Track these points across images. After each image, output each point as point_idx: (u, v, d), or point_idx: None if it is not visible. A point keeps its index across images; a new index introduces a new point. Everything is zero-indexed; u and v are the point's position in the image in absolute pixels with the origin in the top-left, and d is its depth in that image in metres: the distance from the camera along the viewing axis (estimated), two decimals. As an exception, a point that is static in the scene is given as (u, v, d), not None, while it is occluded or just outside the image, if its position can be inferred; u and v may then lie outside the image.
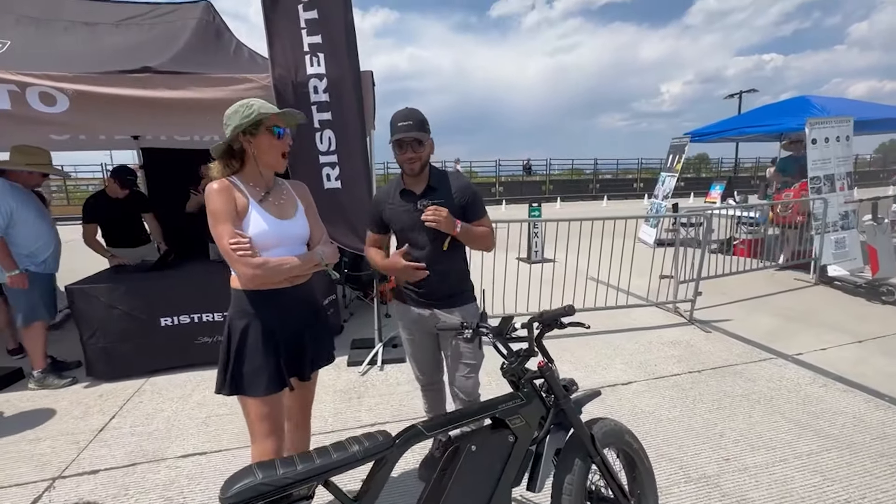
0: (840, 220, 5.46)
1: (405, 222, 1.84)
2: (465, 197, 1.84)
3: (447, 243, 1.79)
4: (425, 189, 1.83)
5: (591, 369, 3.34)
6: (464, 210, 1.82)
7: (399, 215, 1.85)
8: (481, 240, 1.87)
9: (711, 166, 29.37)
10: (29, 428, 2.67)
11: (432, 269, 1.82)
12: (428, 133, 1.78)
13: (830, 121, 5.40)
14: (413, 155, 1.74)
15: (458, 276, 1.92)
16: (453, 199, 1.81)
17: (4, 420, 2.77)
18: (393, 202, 1.88)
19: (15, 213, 2.96)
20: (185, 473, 2.22)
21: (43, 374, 3.15)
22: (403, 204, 1.85)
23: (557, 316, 1.42)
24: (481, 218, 1.88)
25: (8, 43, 3.28)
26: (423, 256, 1.83)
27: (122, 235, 4.01)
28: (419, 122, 1.74)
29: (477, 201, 1.88)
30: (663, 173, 8.33)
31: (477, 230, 1.84)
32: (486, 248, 1.91)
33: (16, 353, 3.63)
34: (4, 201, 2.93)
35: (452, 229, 1.73)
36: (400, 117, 1.74)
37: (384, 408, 2.84)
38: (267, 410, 1.50)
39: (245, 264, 1.41)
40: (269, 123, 1.46)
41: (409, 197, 1.84)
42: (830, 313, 4.39)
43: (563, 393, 1.50)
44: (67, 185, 17.27)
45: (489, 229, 1.90)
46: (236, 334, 1.51)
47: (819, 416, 2.64)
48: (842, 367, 3.23)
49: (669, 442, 2.42)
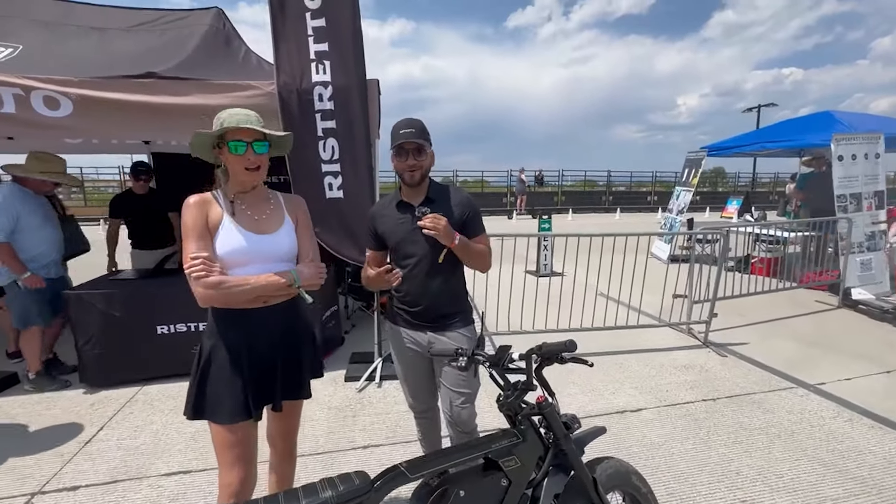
0: (866, 240, 5.22)
1: (400, 234, 1.75)
2: (465, 212, 1.75)
3: (443, 256, 1.69)
4: (423, 201, 1.75)
5: (599, 393, 3.17)
6: (463, 225, 1.73)
7: (394, 227, 1.76)
8: (479, 257, 1.77)
9: (728, 180, 28.82)
10: (17, 436, 2.61)
11: (426, 286, 1.72)
12: (429, 142, 1.71)
13: (858, 137, 5.18)
14: (414, 162, 1.67)
15: (455, 296, 1.81)
16: (453, 213, 1.72)
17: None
18: (388, 214, 1.80)
19: (21, 218, 2.98)
20: (166, 493, 2.12)
21: (37, 377, 3.16)
22: (399, 216, 1.76)
23: (557, 351, 1.29)
24: (479, 235, 1.79)
25: (20, 47, 3.29)
26: (417, 272, 1.72)
27: (144, 234, 4.18)
28: (421, 130, 1.68)
29: (477, 217, 1.80)
30: (678, 188, 8.13)
31: (476, 246, 1.75)
32: (483, 267, 1.81)
33: (15, 356, 3.60)
34: (12, 206, 2.95)
35: (451, 241, 1.64)
36: (401, 125, 1.68)
37: (379, 428, 2.72)
38: (232, 438, 1.39)
39: (199, 284, 1.32)
40: (228, 137, 1.37)
41: (406, 209, 1.75)
42: (855, 340, 4.15)
43: (563, 432, 1.37)
44: (86, 188, 17.64)
45: (488, 248, 1.81)
46: (204, 355, 1.42)
47: (845, 456, 2.44)
48: (869, 401, 3.02)
49: (681, 479, 2.25)
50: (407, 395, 1.97)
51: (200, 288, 1.32)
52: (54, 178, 3.17)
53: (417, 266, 1.72)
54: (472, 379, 1.73)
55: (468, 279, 1.94)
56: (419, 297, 1.74)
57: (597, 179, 25.02)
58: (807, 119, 6.92)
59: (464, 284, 1.86)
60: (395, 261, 1.81)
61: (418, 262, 1.72)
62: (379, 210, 1.85)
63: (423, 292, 1.73)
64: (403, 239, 1.74)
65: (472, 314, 1.88)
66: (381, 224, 1.81)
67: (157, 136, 4.44)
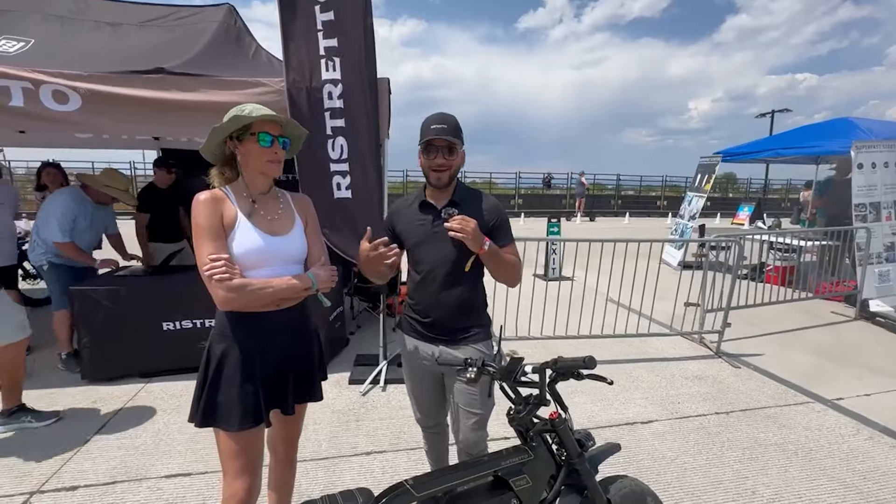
0: (885, 251, 5.08)
1: (419, 236, 1.62)
2: (493, 218, 1.61)
3: (470, 263, 1.55)
4: (448, 204, 1.61)
5: (609, 402, 3.09)
6: (491, 232, 1.58)
7: (414, 228, 1.63)
8: (509, 268, 1.60)
9: (739, 186, 28.44)
10: (18, 433, 2.58)
11: (440, 295, 1.59)
12: (462, 141, 1.58)
13: (879, 144, 5.05)
14: (444, 161, 1.54)
15: (472, 308, 1.65)
16: (480, 218, 1.54)
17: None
18: (409, 213, 1.67)
19: (77, 219, 3.29)
20: (165, 496, 2.08)
21: (68, 357, 3.39)
22: (420, 216, 1.63)
23: (574, 367, 1.22)
24: (508, 245, 1.62)
25: (31, 41, 3.29)
26: (432, 279, 1.59)
27: (161, 228, 4.26)
28: (454, 126, 1.55)
29: (505, 225, 1.64)
30: (690, 193, 8.00)
31: (507, 256, 1.58)
32: (512, 280, 1.64)
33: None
34: (70, 210, 3.25)
35: (479, 246, 1.47)
36: (433, 120, 1.55)
37: (383, 433, 2.67)
38: (240, 447, 1.35)
39: (221, 287, 1.26)
40: (255, 129, 1.32)
41: (428, 210, 1.63)
42: (873, 353, 4.03)
43: (576, 451, 1.30)
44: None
45: (518, 259, 1.64)
46: (214, 359, 1.36)
47: (867, 477, 2.34)
48: (889, 417, 2.91)
49: (695, 495, 2.17)
50: (415, 408, 1.86)
51: (222, 291, 1.26)
52: (114, 193, 3.46)
53: (433, 272, 1.60)
54: (486, 399, 1.61)
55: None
56: (431, 307, 1.62)
57: (606, 183, 24.82)
58: (823, 125, 6.77)
59: (484, 297, 1.71)
60: (410, 263, 1.69)
61: (434, 268, 1.59)
62: (399, 208, 1.73)
63: (437, 302, 1.61)
64: (422, 241, 1.61)
65: (491, 329, 1.73)
66: (399, 223, 1.69)
67: (165, 132, 4.42)
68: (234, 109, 1.33)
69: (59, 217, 3.19)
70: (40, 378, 3.25)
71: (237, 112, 1.31)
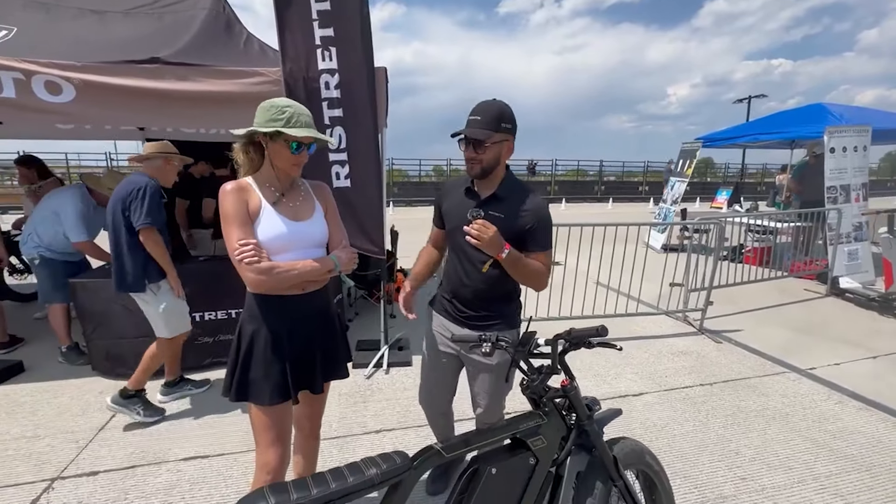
0: (854, 231, 5.38)
1: (456, 221, 1.62)
2: (532, 221, 1.55)
3: (487, 266, 1.56)
4: (490, 196, 1.59)
5: (602, 378, 3.27)
6: (524, 235, 1.55)
7: (455, 211, 1.65)
8: (533, 276, 1.57)
9: (717, 171, 29.18)
10: (29, 424, 2.62)
11: (469, 282, 1.64)
12: (496, 131, 1.51)
13: (849, 129, 5.31)
14: (473, 155, 1.52)
15: (503, 298, 1.69)
16: (517, 218, 1.55)
17: (4, 414, 2.72)
18: (455, 195, 1.68)
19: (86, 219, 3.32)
20: (186, 478, 2.16)
21: (67, 351, 3.40)
22: (464, 201, 1.63)
23: (587, 336, 1.35)
24: (540, 252, 1.58)
25: (14, 29, 3.20)
26: (463, 265, 1.65)
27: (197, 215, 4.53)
28: (491, 118, 1.50)
29: (543, 232, 1.58)
30: (673, 178, 8.24)
31: (531, 264, 1.54)
32: (536, 286, 1.61)
33: (4, 346, 3.62)
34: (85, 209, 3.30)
35: (497, 252, 1.46)
36: (473, 110, 1.53)
37: (390, 413, 2.78)
38: (272, 420, 1.45)
39: (251, 270, 1.34)
40: (288, 137, 1.40)
41: (472, 196, 1.63)
42: (843, 327, 4.32)
43: (586, 413, 1.44)
44: (71, 174, 17.23)
45: (546, 268, 1.59)
46: (245, 339, 1.45)
47: (836, 436, 2.57)
48: (857, 384, 3.16)
49: (684, 458, 2.36)
50: (423, 389, 1.93)
51: (252, 273, 1.35)
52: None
53: (462, 259, 1.65)
54: (504, 385, 1.70)
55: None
56: (458, 291, 1.67)
57: (588, 169, 25.15)
58: (799, 111, 7.04)
59: (511, 290, 1.70)
60: (450, 244, 1.75)
61: (464, 255, 1.64)
62: (451, 187, 1.74)
63: (462, 286, 1.65)
64: (457, 228, 1.60)
65: (519, 316, 1.75)
66: (446, 202, 1.72)
67: (159, 123, 4.36)
68: (272, 107, 1.39)
69: (75, 217, 3.22)
70: (42, 370, 3.26)
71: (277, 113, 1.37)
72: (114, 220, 2.57)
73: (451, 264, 1.72)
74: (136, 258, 2.54)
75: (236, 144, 1.47)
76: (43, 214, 3.27)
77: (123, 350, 3.16)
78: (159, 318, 2.62)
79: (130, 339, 3.13)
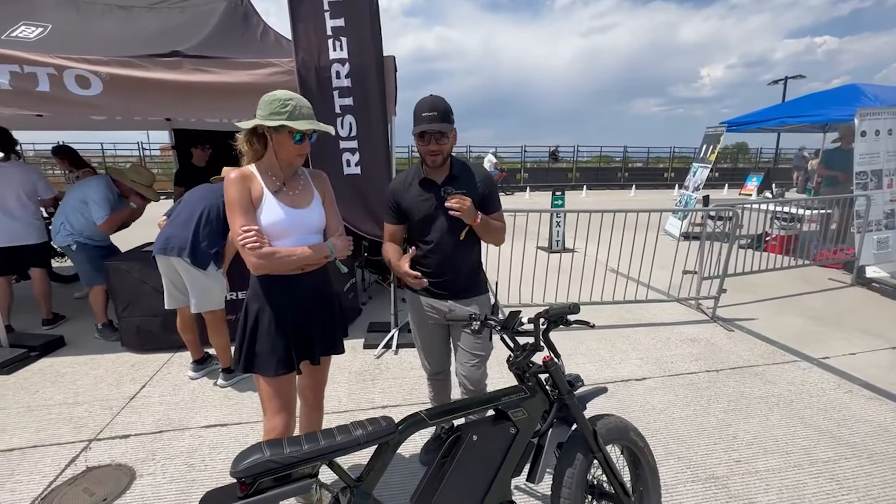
0: (885, 218, 5.15)
1: (424, 212, 1.83)
2: (485, 189, 1.86)
3: (464, 233, 1.81)
4: (446, 178, 1.83)
5: (605, 363, 3.31)
6: (483, 201, 1.85)
7: (418, 204, 1.84)
8: (497, 233, 1.89)
9: (750, 156, 27.96)
10: (69, 392, 2.88)
11: (448, 260, 1.84)
12: (452, 124, 1.74)
13: (883, 112, 5.04)
14: (436, 147, 1.73)
15: (473, 268, 1.93)
16: (475, 189, 1.82)
17: (48, 383, 2.99)
18: (412, 191, 1.86)
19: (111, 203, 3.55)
20: (207, 443, 2.36)
21: (103, 328, 3.69)
22: (423, 193, 1.84)
23: (563, 313, 1.42)
24: (497, 212, 1.91)
25: (49, 26, 3.41)
26: (441, 247, 1.84)
27: None
28: (443, 112, 1.70)
29: (495, 194, 1.91)
30: (695, 164, 8.02)
31: (494, 223, 1.87)
32: (498, 241, 1.93)
33: (47, 323, 3.92)
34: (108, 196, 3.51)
35: (473, 219, 1.75)
36: (424, 107, 1.70)
37: (396, 391, 2.92)
38: (277, 389, 1.58)
39: (252, 254, 1.46)
40: (292, 129, 1.49)
41: (430, 186, 1.84)
42: (865, 316, 4.19)
43: (566, 388, 1.51)
44: (106, 163, 18.08)
45: (504, 223, 1.93)
46: (251, 316, 1.58)
47: (841, 424, 2.55)
48: (871, 374, 3.10)
49: (680, 440, 2.40)
50: (423, 358, 2.12)
51: (254, 258, 1.47)
52: (139, 188, 3.66)
53: (441, 242, 1.83)
54: (487, 342, 1.88)
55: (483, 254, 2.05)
56: (443, 270, 1.85)
57: (613, 155, 24.54)
58: (832, 93, 6.71)
59: (479, 257, 1.99)
60: (416, 237, 1.91)
61: (441, 237, 1.83)
62: (400, 185, 1.90)
63: (447, 266, 1.84)
64: (427, 216, 1.83)
65: (487, 284, 2.01)
66: (403, 200, 1.87)
67: (181, 114, 4.56)
68: (275, 99, 1.47)
69: (100, 201, 3.44)
70: (81, 345, 3.55)
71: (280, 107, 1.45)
72: (212, 204, 2.80)
73: (429, 253, 1.86)
74: (215, 243, 2.79)
75: (240, 135, 1.57)
76: (72, 204, 3.50)
77: (152, 327, 3.41)
78: (202, 293, 2.79)
79: (160, 316, 3.37)
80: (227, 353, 2.94)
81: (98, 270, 3.53)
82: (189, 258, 2.70)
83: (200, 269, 2.74)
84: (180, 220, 2.80)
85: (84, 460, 2.23)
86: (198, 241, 2.73)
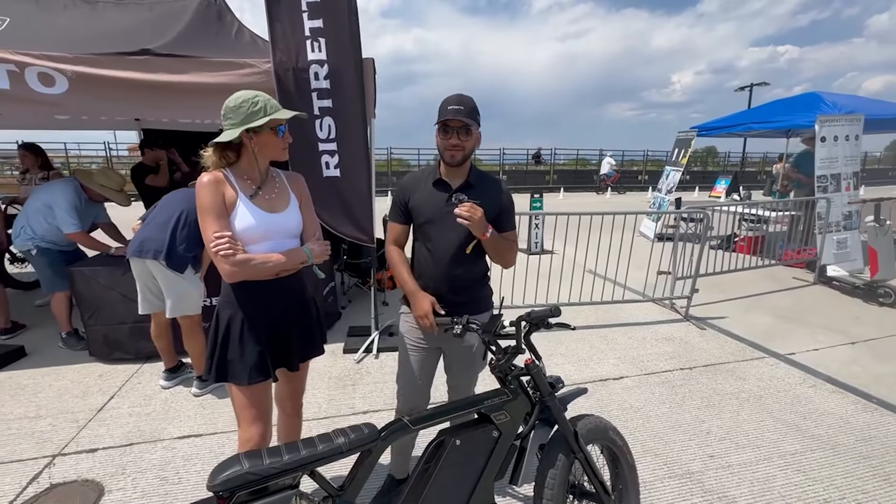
0: (843, 220, 5.43)
1: (431, 214, 1.68)
2: (503, 203, 1.72)
3: (471, 247, 1.65)
4: (462, 184, 1.68)
5: (584, 363, 3.37)
6: (498, 217, 1.70)
7: (426, 205, 1.69)
8: (507, 253, 1.72)
9: (719, 160, 29.02)
10: (31, 405, 2.73)
11: (448, 271, 1.68)
12: (478, 123, 1.63)
13: (841, 119, 5.32)
14: (458, 142, 1.60)
15: (476, 282, 1.77)
16: (491, 202, 1.67)
17: (7, 397, 2.83)
18: (423, 189, 1.72)
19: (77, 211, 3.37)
20: (180, 454, 2.28)
21: (67, 336, 3.53)
22: (435, 193, 1.69)
23: (544, 316, 1.44)
24: (512, 231, 1.76)
25: (7, 20, 3.25)
26: (441, 255, 1.68)
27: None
28: (471, 108, 1.61)
29: (511, 213, 1.77)
30: (668, 167, 8.26)
31: (506, 242, 1.71)
32: (507, 263, 1.75)
33: (6, 332, 3.73)
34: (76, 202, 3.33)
35: (482, 233, 1.58)
36: (452, 101, 1.60)
37: (377, 395, 2.89)
38: (252, 398, 1.53)
39: (226, 262, 1.41)
40: (273, 123, 1.45)
41: (443, 188, 1.69)
42: (826, 314, 4.40)
43: (548, 390, 1.53)
44: (70, 163, 17.28)
45: (516, 244, 1.78)
46: (223, 323, 1.53)
47: (806, 417, 2.67)
48: (833, 368, 3.26)
49: (656, 438, 2.46)
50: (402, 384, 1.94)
51: (227, 265, 1.41)
52: (108, 193, 3.51)
53: (442, 250, 1.68)
54: (480, 361, 1.81)
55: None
56: (439, 281, 1.68)
57: (589, 158, 25.04)
58: (794, 100, 7.03)
59: (486, 271, 1.81)
60: (418, 238, 1.77)
61: (444, 246, 1.68)
62: (413, 182, 1.76)
63: (445, 278, 1.68)
64: (433, 219, 1.68)
65: (491, 299, 1.84)
66: (413, 198, 1.72)
67: (151, 114, 4.44)
68: (244, 102, 1.42)
69: (68, 209, 3.27)
70: (43, 355, 3.38)
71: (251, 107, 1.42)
72: (191, 208, 2.68)
73: (422, 257, 1.74)
74: (192, 247, 2.70)
75: (209, 149, 1.48)
76: (35, 207, 3.33)
77: (120, 335, 3.27)
78: (178, 297, 2.70)
79: (128, 324, 3.25)
80: (202, 360, 2.83)
81: (60, 276, 3.37)
82: (165, 261, 2.61)
83: (177, 273, 2.66)
84: (157, 223, 2.71)
85: (48, 477, 2.12)
86: (175, 243, 2.65)
